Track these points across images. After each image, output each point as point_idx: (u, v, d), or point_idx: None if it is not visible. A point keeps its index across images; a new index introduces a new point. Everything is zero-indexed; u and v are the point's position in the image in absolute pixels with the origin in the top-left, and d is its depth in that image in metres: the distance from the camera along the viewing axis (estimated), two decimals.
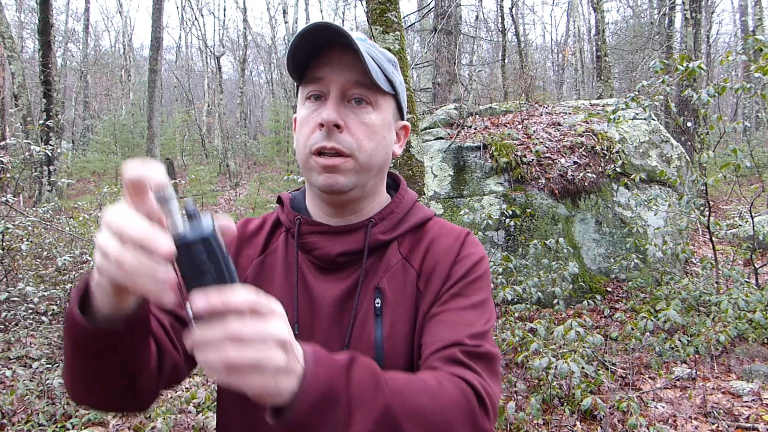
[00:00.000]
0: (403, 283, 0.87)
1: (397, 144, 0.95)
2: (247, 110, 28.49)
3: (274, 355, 0.52)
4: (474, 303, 0.84)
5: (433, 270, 0.87)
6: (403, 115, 0.95)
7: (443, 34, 9.76)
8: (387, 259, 0.89)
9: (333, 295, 0.86)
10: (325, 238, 0.88)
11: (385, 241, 0.89)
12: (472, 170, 5.91)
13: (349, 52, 0.82)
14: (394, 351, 0.82)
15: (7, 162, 6.75)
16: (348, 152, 0.83)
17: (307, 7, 26.00)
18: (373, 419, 0.61)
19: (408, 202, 0.94)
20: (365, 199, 0.91)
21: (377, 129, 0.86)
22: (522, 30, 20.85)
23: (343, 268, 0.88)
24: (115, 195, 7.80)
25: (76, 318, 0.61)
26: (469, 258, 0.88)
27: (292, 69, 0.86)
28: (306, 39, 0.80)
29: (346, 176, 0.84)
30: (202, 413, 2.99)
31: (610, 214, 5.82)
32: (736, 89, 4.25)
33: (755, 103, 18.09)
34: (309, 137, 0.84)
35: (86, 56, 25.49)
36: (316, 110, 0.85)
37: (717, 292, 4.35)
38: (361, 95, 0.84)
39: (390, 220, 0.91)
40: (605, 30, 12.98)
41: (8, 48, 10.74)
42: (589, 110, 7.10)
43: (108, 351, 0.64)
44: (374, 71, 0.82)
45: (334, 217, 0.91)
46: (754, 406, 3.19)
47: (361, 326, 0.84)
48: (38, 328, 4.41)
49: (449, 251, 0.88)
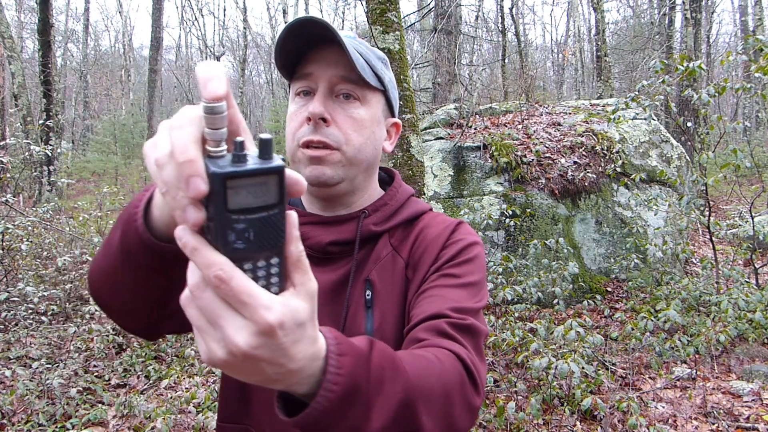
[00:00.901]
0: (391, 273, 0.87)
1: (388, 141, 0.95)
2: (247, 110, 28.50)
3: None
4: (464, 283, 0.82)
5: (421, 256, 0.87)
6: (393, 112, 0.95)
7: (443, 34, 9.76)
8: (378, 250, 0.89)
9: (325, 287, 0.85)
10: (317, 228, 0.89)
11: (377, 232, 0.89)
12: (472, 170, 5.91)
13: (336, 48, 0.82)
14: (383, 342, 0.81)
15: (7, 162, 6.75)
16: (335, 145, 0.84)
17: (306, 7, 25.99)
18: (391, 409, 0.56)
19: (402, 196, 0.95)
20: (354, 193, 0.91)
21: (365, 123, 0.86)
22: (522, 30, 20.85)
23: (335, 259, 0.88)
24: (115, 195, 7.80)
25: (139, 230, 0.58)
26: (459, 242, 0.87)
27: (281, 65, 0.86)
28: (292, 35, 0.81)
29: (333, 168, 0.85)
30: (202, 413, 2.99)
31: (610, 214, 5.82)
32: (736, 89, 4.25)
33: (755, 103, 18.09)
34: (297, 131, 0.86)
35: (86, 56, 25.51)
36: (303, 105, 0.86)
37: (717, 292, 4.35)
38: (349, 90, 0.85)
39: (383, 211, 0.91)
40: (605, 30, 12.98)
41: (8, 48, 10.74)
42: (589, 110, 7.10)
43: (155, 266, 0.60)
44: (361, 66, 0.82)
45: (325, 210, 0.92)
46: (754, 406, 3.19)
47: (353, 318, 0.84)
48: (38, 328, 4.41)
49: (438, 237, 0.88)
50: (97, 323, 4.42)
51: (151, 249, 0.59)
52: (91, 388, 3.50)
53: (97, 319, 4.61)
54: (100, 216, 6.60)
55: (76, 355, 3.94)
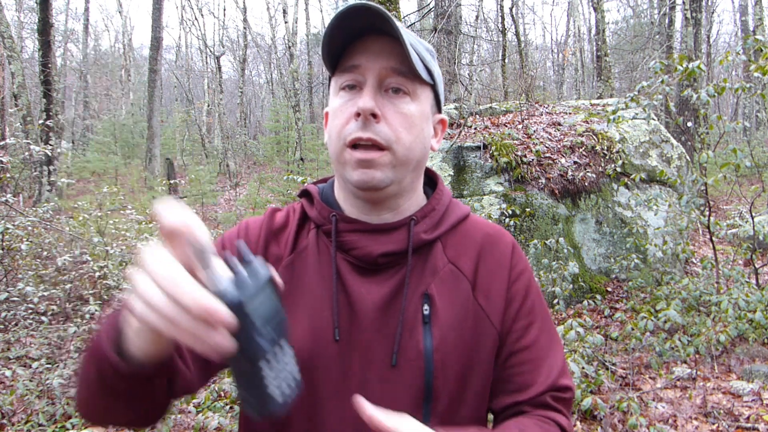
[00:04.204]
0: (454, 291, 0.82)
1: (435, 138, 0.88)
2: (247, 110, 28.49)
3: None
4: (545, 328, 0.85)
5: (490, 284, 0.84)
6: (440, 107, 0.89)
7: (443, 34, 9.76)
8: (432, 261, 0.83)
9: (375, 299, 0.79)
10: (365, 236, 0.82)
11: (428, 240, 0.83)
12: (472, 170, 5.91)
13: (387, 38, 0.77)
14: (444, 364, 0.78)
15: (6, 162, 6.75)
16: (385, 144, 0.77)
17: (307, 7, 25.99)
18: None
19: (446, 199, 0.90)
20: (402, 195, 0.84)
21: (415, 120, 0.80)
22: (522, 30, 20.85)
23: (385, 269, 0.82)
24: (115, 195, 7.80)
25: (111, 359, 0.59)
26: (523, 274, 0.87)
27: (328, 56, 0.80)
28: (344, 23, 0.75)
29: (383, 171, 0.78)
30: (202, 413, 2.98)
31: (611, 214, 5.82)
32: (736, 89, 4.24)
33: (755, 103, 18.09)
34: (343, 128, 0.79)
35: (86, 56, 25.51)
36: (350, 100, 0.79)
37: (717, 292, 4.35)
38: (399, 84, 0.79)
39: (431, 218, 0.85)
40: (605, 30, 12.98)
41: (8, 48, 10.73)
42: (589, 110, 7.10)
43: (136, 389, 0.62)
44: (414, 59, 0.76)
45: (369, 214, 0.84)
46: (754, 406, 3.18)
47: (408, 334, 0.78)
48: (38, 328, 4.40)
49: (501, 264, 0.86)
50: (97, 323, 4.41)
51: (133, 375, 0.60)
52: None
53: (97, 319, 4.61)
54: (100, 216, 6.60)
55: (76, 355, 3.94)
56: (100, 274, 5.36)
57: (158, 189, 12.89)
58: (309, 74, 25.49)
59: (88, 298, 4.89)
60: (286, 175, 5.19)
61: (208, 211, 13.79)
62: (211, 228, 9.74)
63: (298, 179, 5.02)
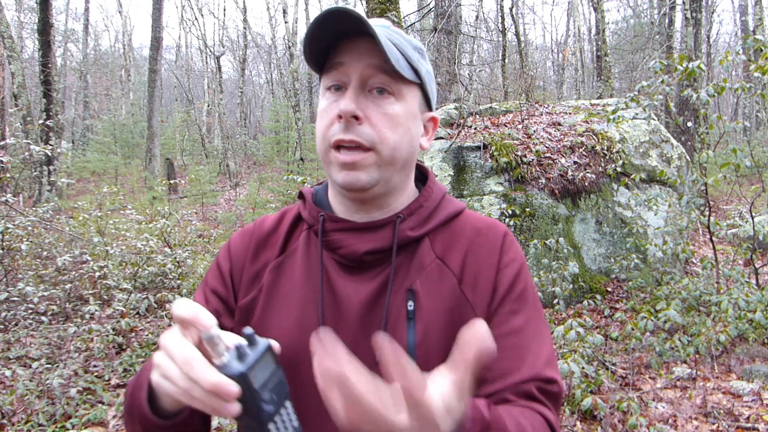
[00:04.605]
0: (439, 285, 0.82)
1: (425, 137, 0.89)
2: (247, 110, 28.50)
3: None
4: (534, 318, 0.81)
5: (476, 276, 0.83)
6: (431, 106, 0.89)
7: (443, 34, 9.76)
8: (419, 258, 0.83)
9: (360, 297, 0.81)
10: (351, 235, 0.83)
11: (415, 237, 0.84)
12: (472, 170, 5.91)
13: (368, 39, 0.78)
14: (426, 358, 0.77)
15: (6, 162, 6.75)
16: (369, 145, 0.78)
17: (307, 7, 25.99)
18: None
19: (437, 195, 0.89)
20: (390, 194, 0.85)
21: (401, 120, 0.81)
22: (522, 30, 20.84)
23: (370, 267, 0.83)
24: (115, 195, 7.80)
25: (149, 417, 0.68)
26: (514, 262, 0.84)
27: (311, 58, 0.81)
28: (321, 28, 0.76)
29: (368, 172, 0.79)
30: None
31: (611, 214, 5.82)
32: (735, 89, 4.24)
33: (755, 103, 18.09)
34: (327, 129, 0.80)
35: (86, 56, 25.52)
36: (335, 101, 0.80)
37: (717, 292, 4.35)
38: (383, 84, 0.79)
39: (419, 214, 0.85)
40: (605, 30, 12.98)
41: (8, 48, 10.74)
42: (589, 110, 7.10)
43: (178, 428, 0.70)
44: (395, 57, 0.77)
45: (358, 213, 0.86)
46: (754, 406, 3.18)
47: (392, 330, 0.79)
48: (38, 328, 4.40)
49: (491, 253, 0.84)
50: (97, 323, 4.41)
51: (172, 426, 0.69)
52: (91, 388, 3.50)
53: (97, 319, 4.61)
54: (100, 216, 6.60)
55: (76, 355, 3.94)
56: (100, 274, 5.37)
57: (158, 189, 12.88)
58: (309, 74, 25.48)
59: (88, 298, 4.89)
60: (286, 175, 5.20)
61: (208, 211, 13.79)
62: (211, 228, 9.75)
63: (298, 179, 5.03)
